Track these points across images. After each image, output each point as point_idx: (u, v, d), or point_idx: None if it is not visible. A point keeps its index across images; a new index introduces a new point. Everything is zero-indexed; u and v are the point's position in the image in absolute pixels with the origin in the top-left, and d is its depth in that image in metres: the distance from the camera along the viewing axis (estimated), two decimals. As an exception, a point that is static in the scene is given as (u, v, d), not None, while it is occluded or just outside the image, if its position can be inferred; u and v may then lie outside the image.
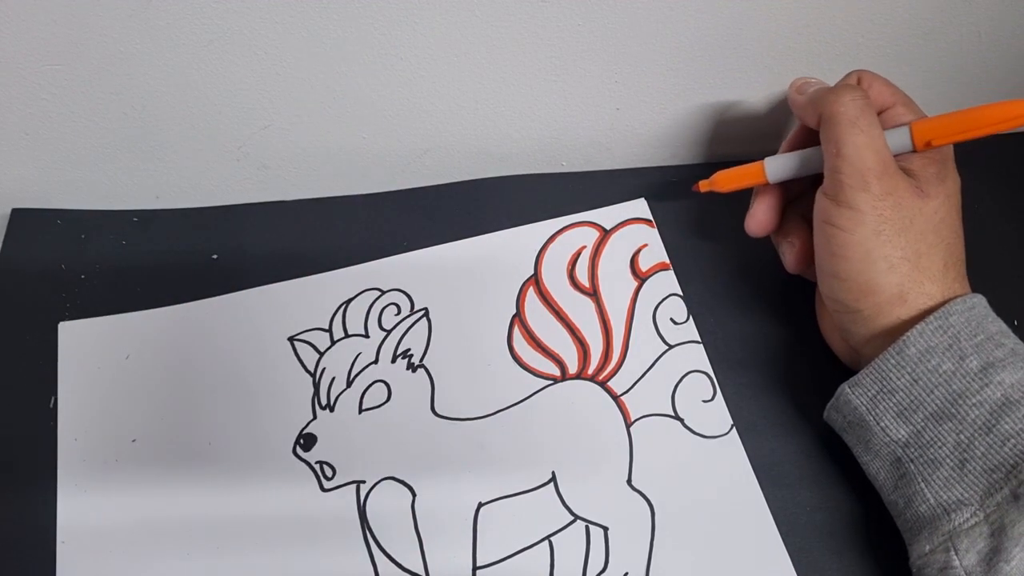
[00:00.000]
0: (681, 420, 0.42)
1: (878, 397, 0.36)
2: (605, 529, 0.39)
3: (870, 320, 0.37)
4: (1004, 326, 0.37)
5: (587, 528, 0.39)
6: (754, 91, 0.50)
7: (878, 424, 0.36)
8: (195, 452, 0.40)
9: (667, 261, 0.47)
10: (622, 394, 0.42)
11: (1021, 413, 0.34)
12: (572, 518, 0.39)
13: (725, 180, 0.44)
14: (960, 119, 0.38)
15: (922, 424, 0.35)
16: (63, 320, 0.44)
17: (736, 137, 0.52)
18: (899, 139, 0.39)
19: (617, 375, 0.43)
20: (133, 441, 0.41)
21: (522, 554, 0.38)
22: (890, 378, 0.36)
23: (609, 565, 0.38)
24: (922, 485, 0.35)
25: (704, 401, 0.42)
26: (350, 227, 0.48)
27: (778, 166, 0.42)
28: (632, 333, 0.44)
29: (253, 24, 0.41)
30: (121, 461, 0.40)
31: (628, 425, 0.42)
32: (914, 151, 0.39)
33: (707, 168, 0.51)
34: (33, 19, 0.40)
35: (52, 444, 0.41)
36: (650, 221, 0.48)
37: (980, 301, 0.37)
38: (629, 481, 0.40)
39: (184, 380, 0.43)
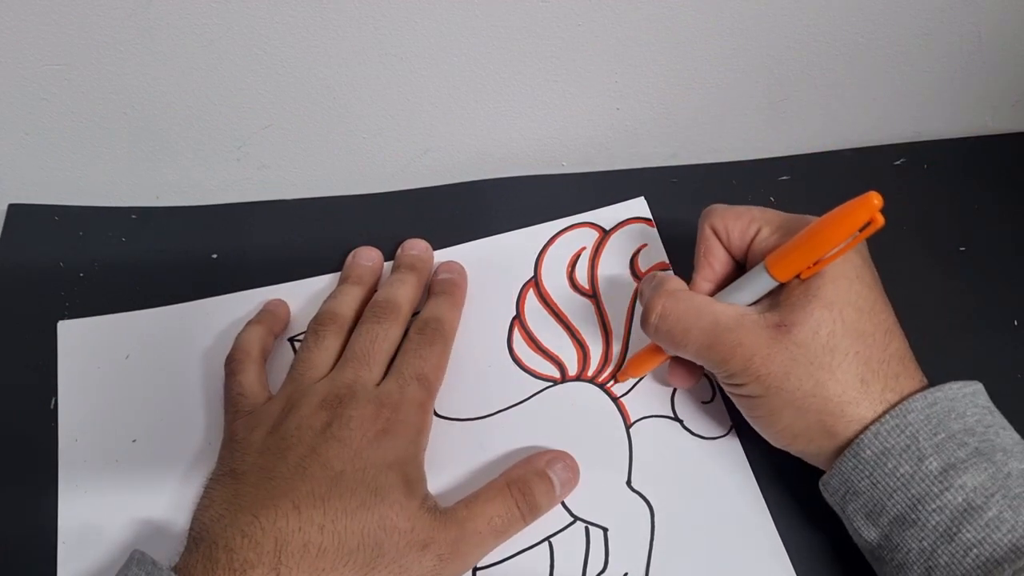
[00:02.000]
0: (680, 421, 0.42)
1: (847, 498, 0.35)
2: (605, 530, 0.39)
3: (818, 459, 0.36)
4: (971, 422, 0.34)
5: (587, 529, 0.39)
6: (754, 91, 0.50)
7: (851, 524, 0.35)
8: (195, 452, 0.40)
9: (667, 261, 0.47)
10: (622, 395, 0.43)
11: (983, 520, 0.31)
12: (572, 519, 0.39)
13: (635, 368, 0.42)
14: (810, 242, 0.35)
15: (888, 528, 0.33)
16: (62, 318, 0.44)
17: (736, 137, 0.52)
18: (761, 280, 0.36)
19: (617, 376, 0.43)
20: (133, 441, 0.41)
21: (522, 555, 0.38)
22: (852, 480, 0.34)
23: (609, 566, 0.38)
24: None
25: (704, 402, 0.42)
26: (350, 227, 0.48)
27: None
28: (632, 335, 0.44)
29: (253, 24, 0.41)
30: (121, 461, 0.40)
31: (628, 426, 0.42)
32: (782, 284, 0.36)
33: (707, 168, 0.51)
34: (33, 19, 0.40)
35: (52, 444, 0.41)
36: (650, 220, 0.48)
37: (945, 395, 0.34)
38: (629, 482, 0.40)
39: (184, 380, 0.43)
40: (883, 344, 0.35)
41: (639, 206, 0.49)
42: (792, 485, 0.40)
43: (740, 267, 0.40)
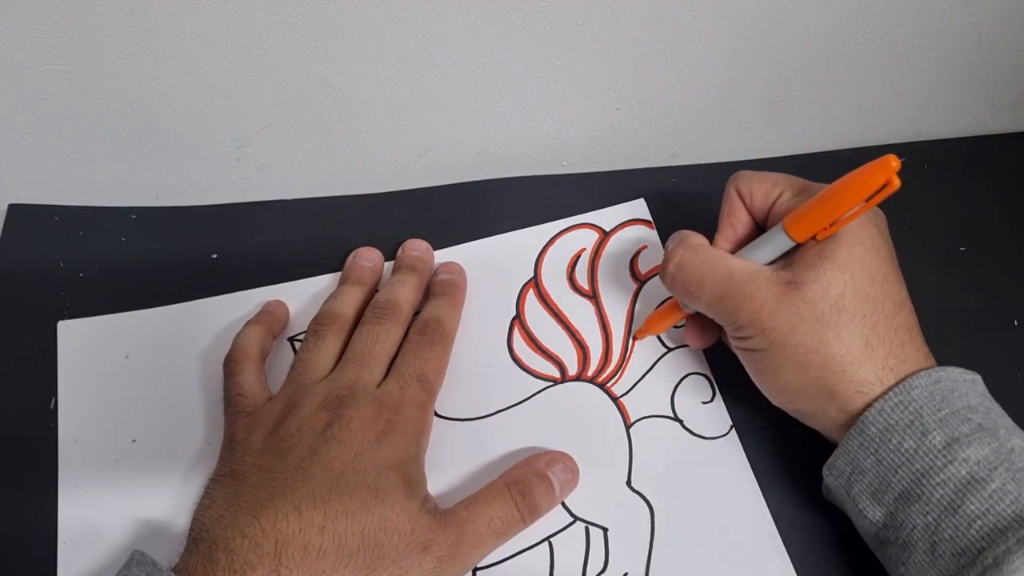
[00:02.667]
0: (680, 421, 0.42)
1: (852, 478, 0.35)
2: (605, 530, 0.39)
3: (817, 420, 0.37)
4: (974, 400, 0.34)
5: (587, 529, 0.39)
6: (754, 91, 0.50)
7: (856, 506, 0.35)
8: (195, 452, 0.40)
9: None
10: (622, 395, 0.43)
11: (987, 492, 0.32)
12: (572, 519, 0.39)
13: (653, 325, 0.43)
14: (827, 203, 0.35)
15: (893, 505, 0.34)
16: (62, 319, 0.44)
17: (736, 137, 0.52)
18: (778, 240, 0.37)
19: (617, 376, 0.43)
20: (133, 441, 0.41)
21: (522, 555, 0.38)
22: (857, 459, 0.34)
23: (608, 566, 0.38)
24: (903, 570, 0.33)
25: (704, 402, 0.42)
26: (350, 227, 0.48)
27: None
28: (631, 334, 0.44)
29: (253, 24, 0.41)
30: (121, 461, 0.40)
31: (628, 426, 0.42)
32: (798, 245, 0.37)
33: (707, 168, 0.51)
34: (33, 19, 0.40)
35: (52, 444, 0.41)
36: (650, 222, 0.48)
37: (949, 375, 0.34)
38: (629, 482, 0.40)
39: (184, 380, 0.43)
40: (891, 313, 0.35)
41: (639, 208, 0.49)
42: (792, 485, 0.40)
43: (761, 230, 0.41)
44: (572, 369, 0.43)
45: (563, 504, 0.39)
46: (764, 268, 0.37)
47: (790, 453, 0.41)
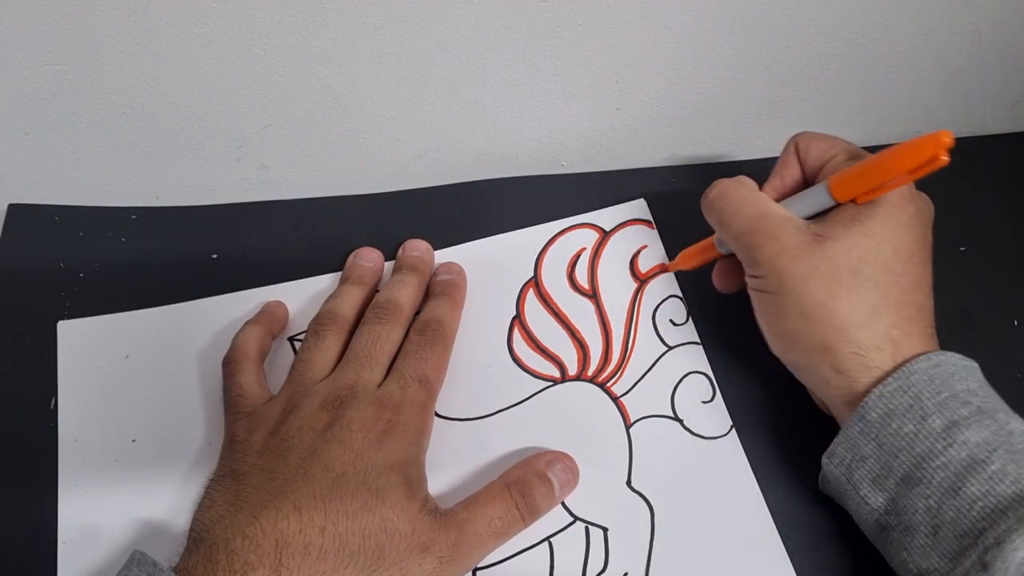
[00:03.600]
0: (681, 421, 0.42)
1: (853, 465, 0.35)
2: (604, 530, 0.39)
3: (808, 375, 0.37)
4: (973, 384, 0.34)
5: (587, 529, 0.39)
6: (754, 91, 0.50)
7: (857, 493, 0.35)
8: (195, 452, 0.40)
9: (667, 262, 0.47)
10: (622, 395, 0.43)
11: (987, 473, 0.32)
12: (571, 519, 0.39)
13: (684, 260, 0.45)
14: (873, 167, 0.36)
15: (895, 490, 0.34)
16: (62, 318, 0.44)
17: (736, 137, 0.52)
18: (819, 196, 0.38)
19: (617, 376, 0.43)
20: (133, 441, 0.41)
21: (522, 555, 0.38)
22: (858, 445, 0.35)
23: (608, 566, 0.38)
24: (904, 555, 0.34)
25: (704, 402, 0.42)
26: (350, 227, 0.48)
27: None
28: (631, 334, 0.44)
29: (253, 24, 0.41)
30: (121, 461, 0.40)
31: (628, 426, 0.42)
32: (837, 204, 0.37)
33: (707, 168, 0.51)
34: (33, 19, 0.40)
35: (52, 444, 0.41)
36: (650, 222, 0.48)
37: (948, 359, 0.35)
38: (629, 482, 0.40)
39: (184, 380, 0.43)
40: (907, 289, 0.36)
41: (639, 207, 0.49)
42: (792, 485, 0.40)
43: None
44: (572, 369, 0.43)
45: (563, 504, 0.39)
46: (796, 217, 0.38)
47: (790, 453, 0.41)
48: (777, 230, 0.37)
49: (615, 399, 0.42)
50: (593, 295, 0.46)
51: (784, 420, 0.42)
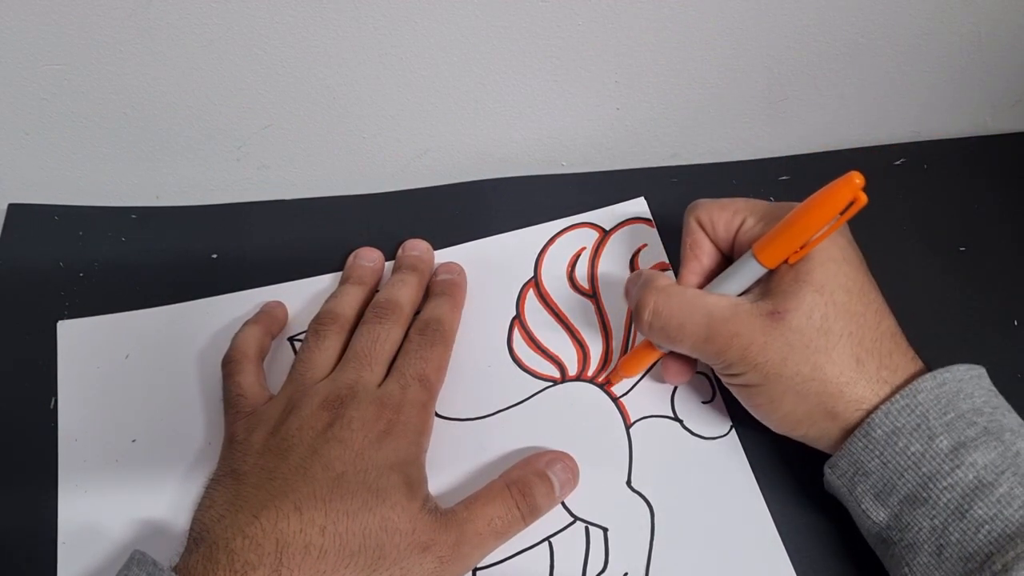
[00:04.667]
0: (680, 421, 0.42)
1: (855, 479, 0.35)
2: (605, 530, 0.39)
3: (822, 442, 0.37)
4: (979, 401, 0.34)
5: (587, 529, 0.39)
6: (754, 91, 0.50)
7: (859, 506, 0.35)
8: (195, 452, 0.40)
9: (667, 261, 0.47)
10: (622, 395, 0.43)
11: (995, 496, 0.32)
12: (572, 519, 0.39)
13: (628, 367, 0.42)
14: (795, 227, 0.35)
15: (898, 508, 0.34)
16: (62, 318, 0.44)
17: (736, 137, 0.52)
18: (749, 268, 0.37)
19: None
20: (133, 441, 0.41)
21: (522, 555, 0.38)
22: (862, 460, 0.34)
23: (608, 566, 0.38)
24: (906, 570, 0.33)
25: (704, 402, 0.42)
26: (350, 227, 0.48)
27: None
28: (631, 335, 0.44)
29: (253, 24, 0.41)
30: (121, 461, 0.40)
31: (628, 426, 0.42)
32: (771, 271, 0.37)
33: (707, 168, 0.51)
34: (33, 19, 0.40)
35: (52, 444, 0.41)
36: (650, 220, 0.48)
37: (953, 376, 0.34)
38: (629, 482, 0.40)
39: (184, 380, 0.43)
40: (875, 323, 0.35)
41: (639, 206, 0.49)
42: (792, 485, 0.40)
43: (727, 259, 0.40)
44: (572, 369, 0.43)
45: (563, 504, 0.39)
46: (742, 301, 0.37)
47: (790, 453, 0.41)
48: (733, 326, 0.36)
49: (615, 399, 0.42)
50: (593, 295, 0.46)
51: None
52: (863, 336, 0.35)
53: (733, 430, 0.42)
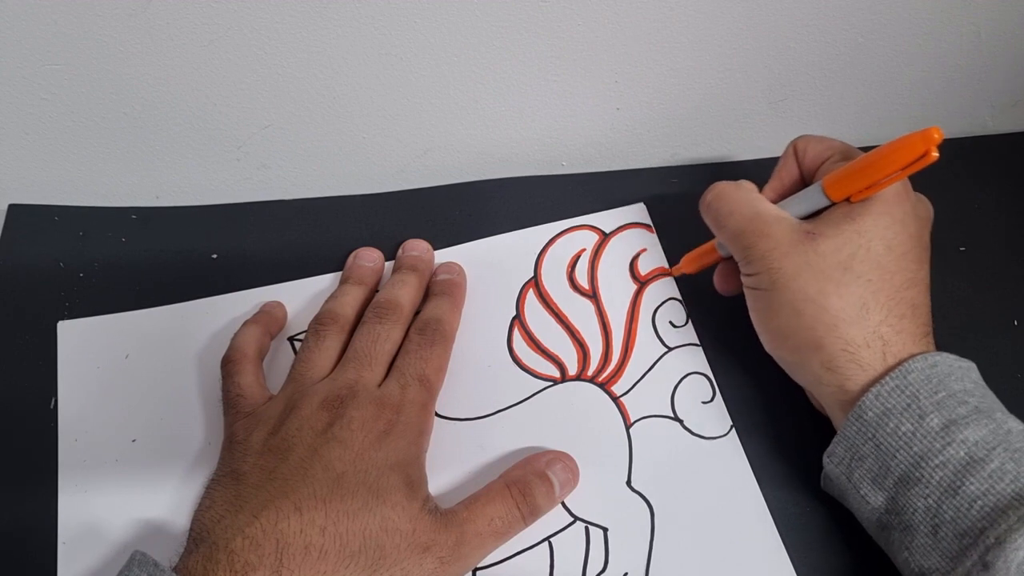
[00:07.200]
0: (680, 421, 0.42)
1: (852, 465, 0.35)
2: (605, 530, 0.39)
3: (800, 372, 0.38)
4: (969, 384, 0.35)
5: (587, 529, 0.39)
6: (754, 91, 0.50)
7: (858, 492, 0.35)
8: (195, 452, 0.40)
9: (667, 266, 0.47)
10: (622, 395, 0.43)
11: (986, 472, 0.32)
12: (571, 519, 0.39)
13: (688, 264, 0.46)
14: (865, 166, 0.36)
15: (894, 490, 0.34)
16: (62, 319, 0.44)
17: (736, 137, 0.52)
18: (815, 196, 0.38)
19: (616, 376, 0.43)
20: (133, 441, 0.41)
21: (522, 555, 0.38)
22: (856, 445, 0.35)
23: (608, 566, 0.38)
24: (906, 554, 0.34)
25: (704, 402, 0.42)
26: (350, 227, 0.48)
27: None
28: (631, 335, 0.44)
29: (253, 24, 0.41)
30: (121, 461, 0.40)
31: (628, 426, 0.42)
32: (832, 204, 0.38)
33: (707, 168, 0.52)
34: (33, 19, 0.40)
35: (52, 444, 0.41)
36: (650, 226, 0.48)
37: (945, 359, 0.35)
38: (629, 482, 0.40)
39: (184, 380, 0.43)
40: (900, 286, 0.36)
41: (639, 212, 0.49)
42: (792, 485, 0.40)
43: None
44: (572, 369, 0.43)
45: (563, 504, 0.39)
46: (790, 216, 0.39)
47: (790, 453, 0.41)
48: (770, 228, 0.38)
49: (615, 399, 0.42)
50: (593, 296, 0.46)
51: (783, 420, 0.42)
52: (881, 289, 0.36)
53: (733, 430, 0.42)
